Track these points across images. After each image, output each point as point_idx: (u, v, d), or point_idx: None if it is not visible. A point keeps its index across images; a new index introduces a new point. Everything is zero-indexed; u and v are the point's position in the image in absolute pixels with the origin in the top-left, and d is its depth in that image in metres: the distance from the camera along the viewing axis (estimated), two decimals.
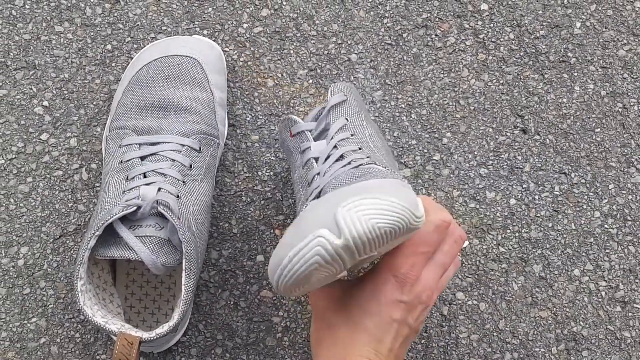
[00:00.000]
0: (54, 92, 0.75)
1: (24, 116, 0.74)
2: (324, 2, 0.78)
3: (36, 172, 0.73)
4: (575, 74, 0.78)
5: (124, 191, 0.61)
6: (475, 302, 0.73)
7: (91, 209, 0.72)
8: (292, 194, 0.74)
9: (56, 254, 0.71)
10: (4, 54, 0.76)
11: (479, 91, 0.77)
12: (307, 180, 0.60)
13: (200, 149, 0.66)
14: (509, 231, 0.74)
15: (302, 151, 0.62)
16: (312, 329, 0.58)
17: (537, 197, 0.75)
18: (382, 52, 0.78)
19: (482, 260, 0.73)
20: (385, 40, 0.78)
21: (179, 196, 0.62)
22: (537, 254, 0.74)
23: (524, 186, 0.75)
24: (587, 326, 0.73)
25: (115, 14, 0.77)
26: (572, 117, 0.77)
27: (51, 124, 0.74)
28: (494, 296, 0.73)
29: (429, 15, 0.79)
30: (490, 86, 0.78)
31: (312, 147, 0.62)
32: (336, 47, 0.78)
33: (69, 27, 0.76)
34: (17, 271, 0.71)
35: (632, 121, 0.77)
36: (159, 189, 0.61)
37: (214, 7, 0.78)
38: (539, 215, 0.75)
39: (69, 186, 0.73)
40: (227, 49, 0.77)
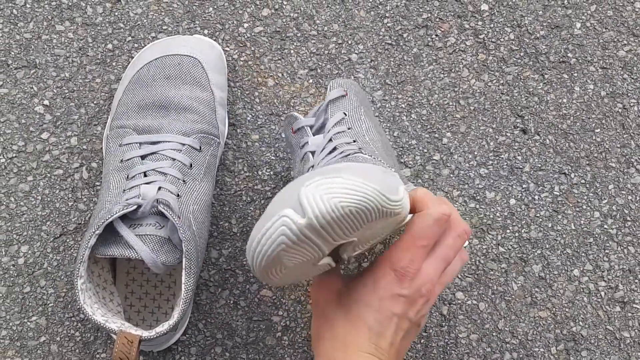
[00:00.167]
0: (54, 91, 0.75)
1: (25, 115, 0.74)
2: (324, 2, 0.78)
3: (37, 171, 0.73)
4: (575, 75, 0.78)
5: (125, 190, 0.61)
6: (474, 302, 0.73)
7: (91, 208, 0.72)
8: None
9: (56, 253, 0.72)
10: (5, 53, 0.76)
11: (479, 91, 0.77)
12: (302, 173, 0.60)
13: (200, 148, 0.66)
14: (508, 231, 0.74)
15: (302, 146, 0.63)
16: (312, 325, 0.58)
17: (536, 197, 0.75)
18: (382, 52, 0.78)
19: (482, 260, 0.74)
20: (385, 40, 0.78)
21: (179, 195, 0.62)
22: (536, 254, 0.74)
23: (524, 186, 0.75)
24: (587, 326, 0.73)
25: (116, 13, 0.77)
26: (572, 118, 0.77)
27: (52, 122, 0.74)
28: (493, 296, 0.73)
29: (430, 15, 0.79)
30: (490, 86, 0.78)
31: (309, 141, 0.62)
32: (337, 47, 0.78)
33: (69, 26, 0.77)
34: (17, 270, 0.71)
35: (632, 122, 0.77)
36: (160, 187, 0.61)
37: (215, 7, 0.78)
38: (538, 215, 0.75)
39: (70, 185, 0.73)
40: (227, 48, 0.77)
